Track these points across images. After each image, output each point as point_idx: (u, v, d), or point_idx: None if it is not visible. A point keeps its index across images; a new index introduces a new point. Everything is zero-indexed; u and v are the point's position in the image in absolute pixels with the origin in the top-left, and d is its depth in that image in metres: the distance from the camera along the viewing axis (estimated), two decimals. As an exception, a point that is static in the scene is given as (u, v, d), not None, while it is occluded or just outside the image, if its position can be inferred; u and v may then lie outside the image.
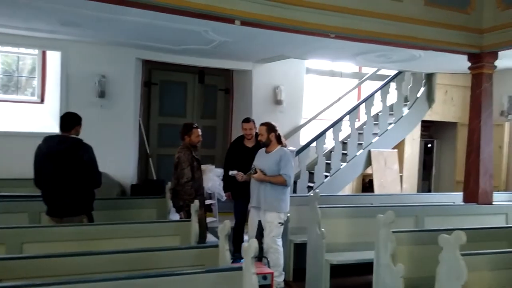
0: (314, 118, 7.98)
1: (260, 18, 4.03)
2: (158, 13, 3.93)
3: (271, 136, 4.38)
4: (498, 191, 6.54)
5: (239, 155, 4.94)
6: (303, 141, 7.23)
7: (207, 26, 4.47)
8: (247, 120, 5.06)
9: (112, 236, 3.39)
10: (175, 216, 4.69)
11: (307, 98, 7.93)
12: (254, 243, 2.14)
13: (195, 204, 3.46)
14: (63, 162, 3.62)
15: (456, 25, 4.90)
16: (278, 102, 7.38)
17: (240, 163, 4.77)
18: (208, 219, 5.71)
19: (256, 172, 4.28)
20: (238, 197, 4.97)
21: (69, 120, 3.80)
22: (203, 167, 5.60)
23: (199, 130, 4.66)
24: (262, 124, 4.47)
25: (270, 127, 4.41)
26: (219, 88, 8.00)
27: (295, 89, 7.55)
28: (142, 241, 3.28)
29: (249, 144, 4.99)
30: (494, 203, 5.28)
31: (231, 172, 4.56)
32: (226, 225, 2.59)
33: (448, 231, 2.77)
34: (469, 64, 5.28)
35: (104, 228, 3.46)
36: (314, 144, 6.81)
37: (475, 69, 5.23)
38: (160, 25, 4.55)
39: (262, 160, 4.42)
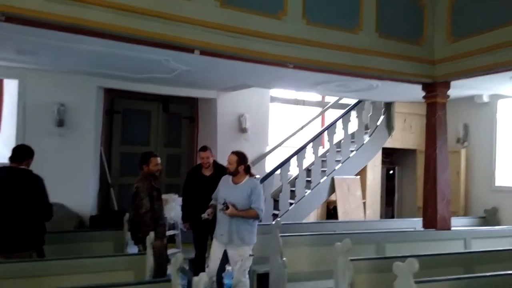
0: (279, 145, 8.04)
1: (219, 48, 4.07)
2: (116, 42, 3.91)
3: (240, 168, 4.16)
4: (457, 216, 6.72)
5: (197, 184, 4.87)
6: (268, 169, 7.24)
7: (168, 55, 4.48)
8: (204, 148, 4.97)
9: (63, 272, 3.22)
10: (134, 249, 4.53)
11: (272, 126, 8.01)
12: (204, 277, 2.08)
13: (150, 236, 3.36)
14: (11, 194, 3.46)
15: (410, 56, 5.11)
16: (243, 130, 7.40)
17: (198, 192, 4.72)
18: (171, 250, 5.55)
19: (227, 208, 4.01)
20: (198, 228, 4.86)
21: (22, 152, 3.68)
22: (165, 196, 5.50)
23: (158, 158, 4.57)
24: (233, 153, 4.21)
25: (241, 159, 4.16)
26: (184, 116, 7.98)
27: (260, 117, 7.62)
28: (93, 276, 3.13)
29: (207, 172, 4.90)
30: (452, 228, 5.40)
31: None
32: (178, 259, 2.51)
33: (405, 258, 2.79)
34: (423, 93, 5.50)
35: (54, 264, 3.29)
36: (278, 171, 6.83)
37: (429, 98, 5.45)
38: (119, 54, 4.52)
39: (231, 193, 4.14)
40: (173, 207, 5.96)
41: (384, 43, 4.94)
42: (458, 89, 5.79)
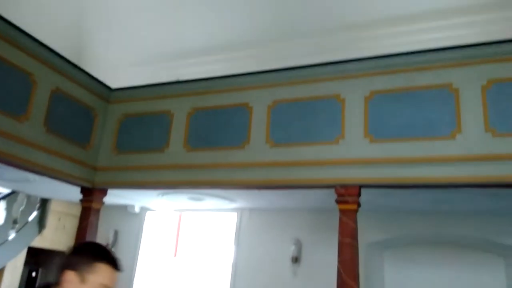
0: None
1: None
2: None
3: None
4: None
5: None
6: None
7: None
8: None
9: None
10: None
11: None
12: None
13: None
14: None
15: (74, 158, 5.19)
16: None
17: None
18: None
19: None
20: None
21: None
22: None
23: None
24: None
25: None
26: None
27: None
28: None
29: None
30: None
31: None
32: None
33: None
34: (81, 196, 5.59)
35: None
36: None
37: (86, 202, 5.56)
38: None
39: None
40: None
41: (50, 139, 4.86)
42: (114, 197, 6.21)
